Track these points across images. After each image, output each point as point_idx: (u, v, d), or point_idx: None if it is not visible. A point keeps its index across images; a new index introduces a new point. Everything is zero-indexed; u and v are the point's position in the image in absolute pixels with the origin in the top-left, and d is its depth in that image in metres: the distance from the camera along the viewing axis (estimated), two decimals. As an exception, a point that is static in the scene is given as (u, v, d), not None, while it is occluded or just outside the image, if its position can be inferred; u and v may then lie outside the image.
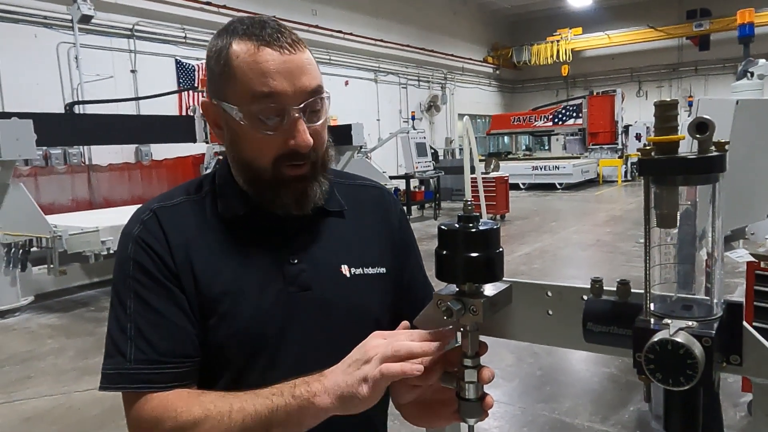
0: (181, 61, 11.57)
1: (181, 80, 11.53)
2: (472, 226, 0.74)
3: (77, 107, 9.00)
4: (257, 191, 0.96)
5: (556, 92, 24.95)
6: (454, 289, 0.77)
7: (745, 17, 6.79)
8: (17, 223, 5.92)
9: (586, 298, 0.75)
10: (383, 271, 1.05)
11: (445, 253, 0.75)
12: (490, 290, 0.77)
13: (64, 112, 8.73)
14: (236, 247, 0.97)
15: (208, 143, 8.37)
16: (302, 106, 0.90)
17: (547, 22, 23.56)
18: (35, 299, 6.37)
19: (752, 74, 4.84)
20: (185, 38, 11.61)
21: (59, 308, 6.31)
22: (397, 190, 11.81)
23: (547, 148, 23.90)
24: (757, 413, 0.67)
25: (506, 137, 24.16)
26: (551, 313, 0.80)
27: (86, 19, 9.49)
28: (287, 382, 0.83)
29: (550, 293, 0.79)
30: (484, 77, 23.65)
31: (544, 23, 23.66)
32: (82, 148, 9.52)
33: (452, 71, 20.83)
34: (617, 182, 18.00)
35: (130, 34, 10.76)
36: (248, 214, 0.98)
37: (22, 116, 5.89)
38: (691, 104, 15.31)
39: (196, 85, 11.29)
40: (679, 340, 0.59)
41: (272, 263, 0.97)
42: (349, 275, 1.01)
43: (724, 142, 0.62)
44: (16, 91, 8.95)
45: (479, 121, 22.98)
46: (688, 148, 0.65)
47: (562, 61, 22.94)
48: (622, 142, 18.49)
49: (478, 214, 0.75)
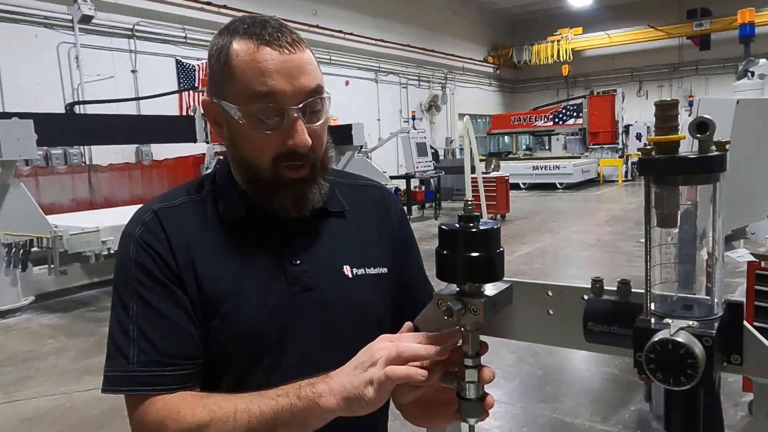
0: (181, 61, 11.57)
1: (181, 80, 11.53)
2: (472, 225, 0.73)
3: (78, 107, 9.00)
4: (256, 191, 0.96)
5: (556, 92, 24.95)
6: (454, 288, 0.77)
7: (745, 17, 6.77)
8: (18, 223, 5.92)
9: (586, 297, 0.74)
10: (384, 271, 1.05)
11: (445, 252, 0.75)
12: (490, 290, 0.77)
13: (64, 112, 8.73)
14: (238, 247, 0.97)
15: (208, 143, 8.38)
16: (301, 106, 0.90)
17: (547, 21, 23.56)
18: (36, 299, 6.37)
19: (753, 74, 4.83)
20: (185, 38, 11.62)
21: (60, 308, 6.31)
22: (397, 190, 11.80)
23: (547, 147, 23.90)
24: (757, 413, 0.67)
25: (507, 137, 24.17)
26: (552, 312, 0.79)
27: (87, 19, 9.51)
28: (293, 383, 0.82)
29: (550, 293, 0.79)
30: (484, 77, 23.65)
31: (544, 23, 23.66)
32: (82, 148, 9.54)
33: (452, 71, 20.83)
34: (618, 182, 17.99)
35: (130, 34, 10.76)
36: (249, 214, 0.97)
37: (22, 116, 5.89)
38: (691, 104, 15.29)
39: (196, 85, 11.29)
40: (679, 339, 0.59)
41: (274, 264, 0.97)
42: (351, 276, 1.01)
43: (724, 141, 0.62)
44: (16, 91, 8.96)
45: (479, 120, 22.98)
46: (688, 147, 0.65)
47: (562, 60, 22.94)
48: (622, 141, 18.49)
49: (478, 213, 0.75)
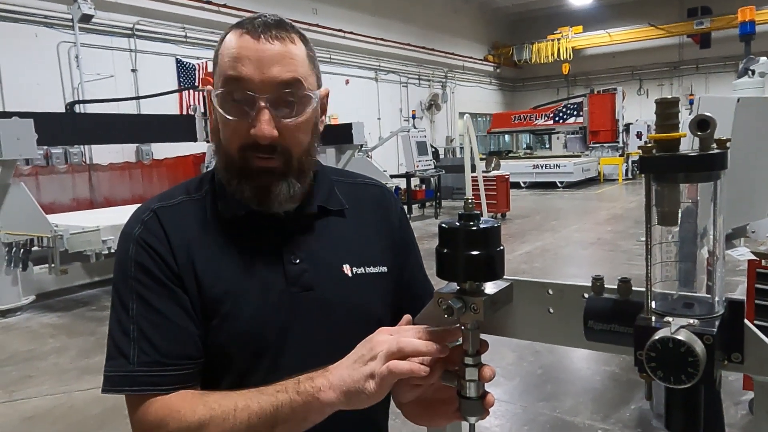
0: (181, 60, 11.56)
1: (181, 79, 11.53)
2: (472, 224, 0.73)
3: (78, 107, 8.99)
4: (228, 180, 0.96)
5: (556, 91, 24.93)
6: (454, 287, 0.76)
7: (746, 15, 6.77)
8: (18, 222, 5.93)
9: (587, 296, 0.74)
10: (384, 270, 1.05)
11: (445, 251, 0.74)
12: (490, 288, 0.77)
13: (64, 111, 8.72)
14: (237, 247, 0.96)
15: (208, 142, 8.37)
16: (268, 96, 0.89)
17: (547, 20, 23.54)
18: (36, 298, 6.37)
19: (753, 72, 4.83)
20: (186, 37, 11.62)
21: (60, 307, 6.31)
22: (397, 188, 11.81)
23: (547, 146, 23.89)
24: (758, 411, 0.67)
25: (507, 136, 24.17)
26: (552, 311, 0.79)
27: (87, 18, 9.50)
28: (291, 378, 0.82)
29: (551, 291, 0.79)
30: (484, 76, 23.64)
31: (544, 21, 23.64)
32: (82, 147, 9.54)
33: (453, 70, 20.81)
34: (618, 180, 17.99)
35: (130, 33, 10.76)
36: (249, 213, 0.97)
37: (22, 116, 5.89)
38: (692, 102, 15.29)
39: (196, 84, 11.28)
40: (680, 338, 0.59)
41: (274, 263, 0.96)
42: (350, 275, 1.00)
43: (725, 139, 0.62)
44: (16, 90, 8.96)
45: (480, 119, 22.96)
46: (689, 145, 0.65)
47: (562, 59, 22.92)
48: (623, 140, 18.48)
49: (478, 212, 0.74)
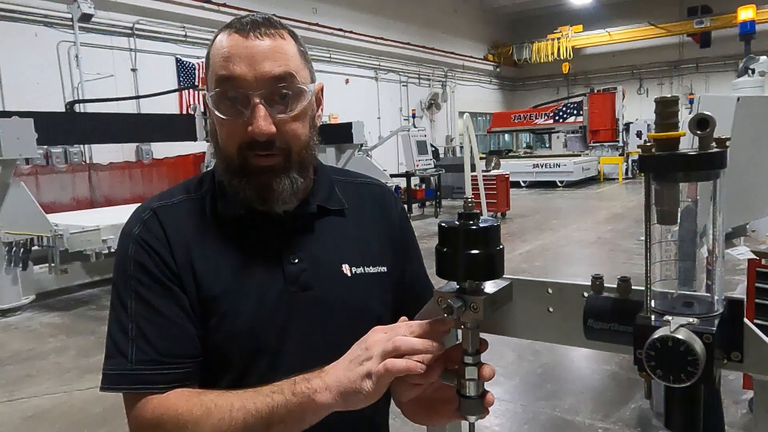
0: (181, 59, 11.56)
1: (181, 79, 11.52)
2: (472, 223, 0.73)
3: (78, 106, 8.99)
4: (229, 181, 0.95)
5: (556, 90, 24.93)
6: (454, 286, 0.76)
7: (746, 14, 6.78)
8: (18, 221, 5.92)
9: (586, 295, 0.74)
10: (384, 270, 1.05)
11: (445, 250, 0.74)
12: (490, 287, 0.77)
13: (64, 110, 8.72)
14: (236, 246, 0.96)
15: (208, 141, 8.36)
16: (262, 91, 0.89)
17: (547, 19, 23.52)
18: (36, 298, 6.37)
19: (753, 71, 4.83)
20: (185, 36, 11.61)
21: (60, 307, 6.31)
22: (397, 188, 11.80)
23: (547, 145, 23.89)
24: (758, 410, 0.67)
25: (507, 135, 24.16)
26: (552, 310, 0.79)
27: (86, 17, 9.50)
28: (288, 379, 0.82)
29: (550, 290, 0.79)
30: (484, 75, 23.62)
31: (544, 21, 23.62)
32: (82, 146, 9.53)
33: (453, 69, 20.80)
34: (618, 180, 17.99)
35: (130, 32, 10.75)
36: (248, 213, 0.97)
37: (22, 115, 5.90)
38: (692, 101, 15.28)
39: (196, 83, 11.28)
40: (680, 336, 0.59)
41: (273, 263, 0.96)
42: (350, 274, 1.00)
43: (725, 138, 0.61)
44: (16, 90, 8.96)
45: (480, 118, 22.95)
46: (689, 145, 0.65)
47: (562, 58, 22.91)
48: (622, 139, 18.48)
49: (478, 211, 0.74)
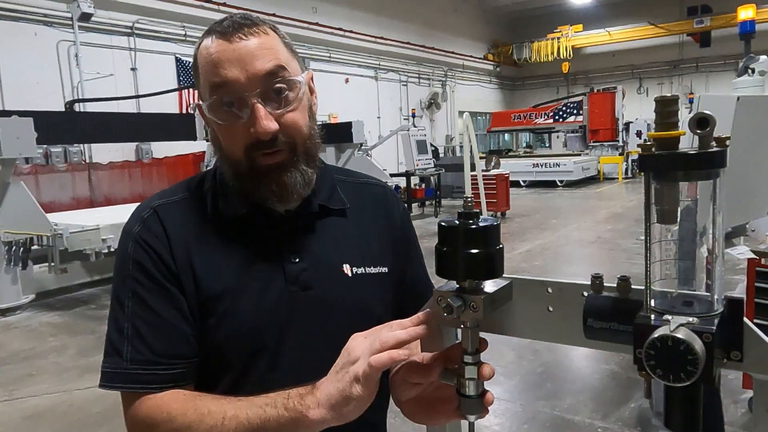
0: (181, 58, 11.55)
1: (181, 78, 11.52)
2: (472, 222, 0.73)
3: (77, 105, 8.99)
4: (240, 185, 0.95)
5: (556, 89, 24.92)
6: (454, 285, 0.76)
7: (746, 14, 6.78)
8: (18, 221, 5.92)
9: (586, 294, 0.74)
10: (385, 270, 1.04)
11: (445, 249, 0.74)
12: (490, 287, 0.77)
13: (64, 110, 8.72)
14: (237, 245, 0.96)
15: (208, 141, 8.36)
16: (258, 91, 0.89)
17: (547, 19, 23.52)
18: (36, 297, 6.37)
19: (753, 71, 4.83)
20: (185, 36, 11.60)
21: (60, 306, 6.31)
22: (397, 187, 11.79)
23: (547, 145, 23.85)
24: (757, 410, 0.67)
25: (507, 134, 24.15)
26: (552, 309, 0.79)
27: (86, 17, 9.49)
28: (282, 391, 0.82)
29: (550, 290, 0.79)
30: (484, 74, 23.62)
31: (544, 20, 23.61)
32: (82, 146, 9.53)
33: (453, 68, 20.80)
34: (618, 179, 17.99)
35: (130, 32, 10.75)
36: (249, 212, 0.97)
37: (22, 114, 5.89)
38: (692, 101, 15.29)
39: (194, 82, 11.27)
40: (679, 336, 0.59)
41: (273, 262, 0.96)
42: (350, 274, 1.00)
43: (725, 137, 0.61)
44: (16, 89, 8.96)
45: (480, 118, 22.95)
46: (688, 144, 0.65)
47: (562, 58, 22.91)
48: (622, 139, 18.49)
49: (478, 210, 0.74)
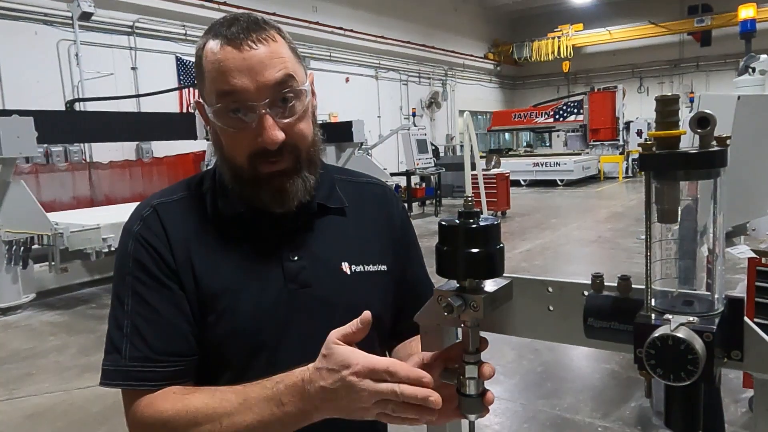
0: (181, 58, 11.55)
1: (181, 77, 11.52)
2: (472, 221, 0.73)
3: (78, 104, 8.99)
4: (240, 189, 0.96)
5: (557, 89, 24.90)
6: (454, 285, 0.76)
7: (746, 13, 6.77)
8: (18, 220, 5.92)
9: (586, 293, 0.74)
10: (384, 268, 1.05)
11: (445, 248, 0.74)
12: (490, 286, 0.76)
13: (64, 109, 8.72)
14: (236, 244, 0.97)
15: (208, 140, 8.36)
16: (267, 101, 0.89)
17: (547, 18, 23.50)
18: (37, 296, 6.38)
19: (754, 70, 4.82)
20: (186, 35, 11.59)
21: (61, 305, 6.32)
22: (398, 186, 11.79)
23: (548, 144, 23.89)
24: (758, 409, 0.67)
25: (507, 134, 24.15)
26: (552, 308, 0.79)
27: (86, 16, 9.50)
28: (280, 392, 0.81)
29: (550, 289, 0.79)
30: (484, 74, 23.61)
31: (545, 19, 23.60)
32: (83, 145, 9.54)
33: (453, 68, 20.79)
34: (618, 179, 17.98)
35: (130, 31, 10.75)
36: (249, 211, 0.97)
37: (22, 114, 5.90)
38: (692, 100, 15.29)
39: (196, 82, 11.28)
40: (680, 335, 0.59)
41: (272, 260, 0.97)
42: (349, 272, 1.00)
43: (725, 136, 0.61)
44: (16, 88, 8.96)
45: (480, 117, 22.94)
46: (689, 143, 0.64)
47: (563, 57, 22.88)
48: (623, 138, 18.47)
49: (478, 210, 0.74)
